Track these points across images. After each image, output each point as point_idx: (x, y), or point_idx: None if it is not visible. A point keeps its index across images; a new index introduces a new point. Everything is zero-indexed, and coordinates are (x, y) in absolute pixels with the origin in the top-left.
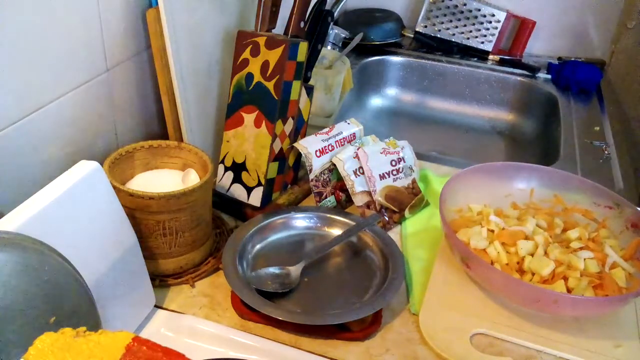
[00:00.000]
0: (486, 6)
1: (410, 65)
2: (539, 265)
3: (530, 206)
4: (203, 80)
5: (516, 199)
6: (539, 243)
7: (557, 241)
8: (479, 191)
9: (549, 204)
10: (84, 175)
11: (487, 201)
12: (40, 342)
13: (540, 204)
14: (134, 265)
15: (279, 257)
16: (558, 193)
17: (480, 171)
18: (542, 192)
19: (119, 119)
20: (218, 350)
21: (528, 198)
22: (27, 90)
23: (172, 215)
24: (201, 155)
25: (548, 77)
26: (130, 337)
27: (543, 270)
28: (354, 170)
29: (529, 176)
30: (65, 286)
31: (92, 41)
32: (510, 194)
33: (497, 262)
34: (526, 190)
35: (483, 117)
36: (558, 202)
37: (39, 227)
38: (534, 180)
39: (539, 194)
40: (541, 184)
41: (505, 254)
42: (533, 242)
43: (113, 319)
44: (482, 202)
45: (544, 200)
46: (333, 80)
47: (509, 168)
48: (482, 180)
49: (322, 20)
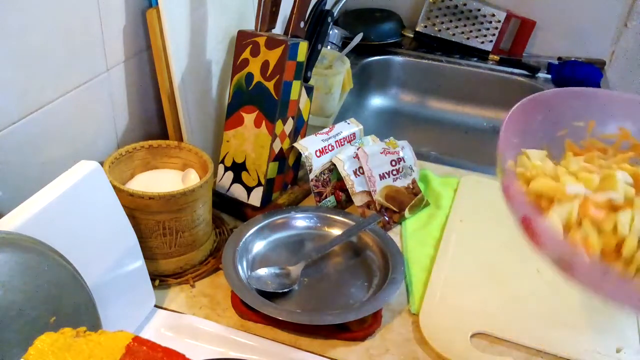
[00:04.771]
0: (486, 6)
1: (410, 65)
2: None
3: (593, 146)
4: (203, 80)
5: (571, 138)
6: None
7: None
8: (532, 135)
9: (613, 140)
10: (84, 175)
11: (542, 146)
12: (40, 342)
13: (603, 143)
14: (134, 265)
15: (279, 257)
16: (622, 125)
17: (530, 107)
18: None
19: (119, 119)
20: (218, 350)
21: (585, 136)
22: (27, 90)
23: (172, 215)
24: (201, 155)
25: (548, 77)
26: (130, 337)
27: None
28: (354, 170)
29: (587, 105)
30: (65, 286)
31: (92, 41)
32: (563, 134)
33: (589, 251)
34: (583, 126)
35: (483, 117)
36: (624, 136)
37: (39, 227)
38: (594, 109)
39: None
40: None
41: (597, 236)
42: (630, 211)
43: (113, 319)
44: (539, 148)
45: (605, 137)
46: (333, 80)
47: (558, 97)
48: (534, 118)
49: (322, 20)
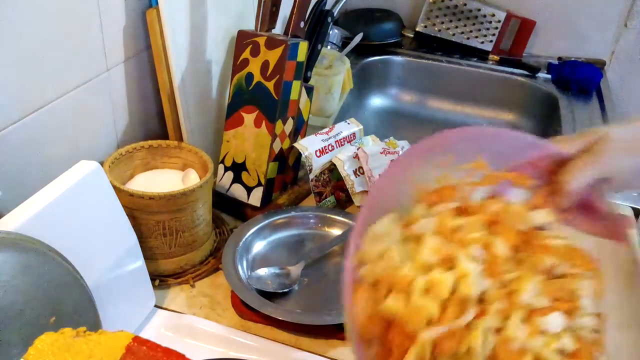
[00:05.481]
0: (486, 6)
1: (410, 65)
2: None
3: (445, 182)
4: (203, 80)
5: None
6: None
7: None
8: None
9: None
10: (84, 175)
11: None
12: (40, 342)
13: (455, 177)
14: (134, 265)
15: (279, 257)
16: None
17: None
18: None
19: (119, 119)
20: (218, 350)
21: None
22: (27, 90)
23: (172, 215)
24: (201, 155)
25: (548, 77)
26: (130, 337)
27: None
28: (354, 170)
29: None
30: (65, 286)
31: (92, 41)
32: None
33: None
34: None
35: (483, 117)
36: (478, 166)
37: (39, 227)
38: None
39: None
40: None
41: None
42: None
43: (113, 319)
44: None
45: (460, 167)
46: (333, 80)
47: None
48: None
49: (322, 20)
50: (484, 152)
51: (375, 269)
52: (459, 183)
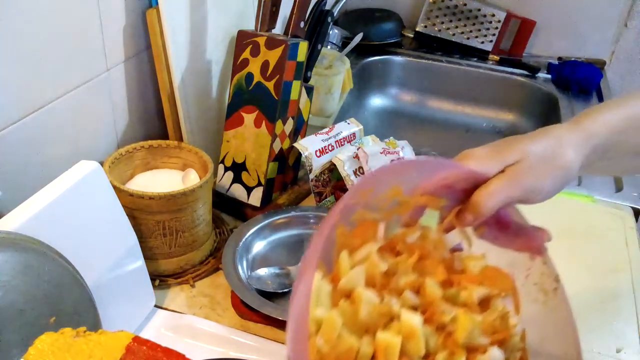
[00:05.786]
0: (486, 6)
1: (410, 65)
2: None
3: (363, 219)
4: (203, 80)
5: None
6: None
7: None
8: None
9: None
10: (84, 175)
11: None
12: (40, 342)
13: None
14: (134, 265)
15: (279, 257)
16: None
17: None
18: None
19: (119, 119)
20: (218, 350)
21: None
22: (27, 90)
23: (172, 215)
24: (201, 155)
25: (548, 77)
26: (130, 337)
27: None
28: (354, 170)
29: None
30: (65, 286)
31: (92, 41)
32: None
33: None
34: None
35: (483, 117)
36: (395, 194)
37: (39, 227)
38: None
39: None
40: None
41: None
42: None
43: (113, 319)
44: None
45: (379, 199)
46: (333, 80)
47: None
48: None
49: (322, 20)
50: (401, 182)
51: (318, 341)
52: (375, 217)
